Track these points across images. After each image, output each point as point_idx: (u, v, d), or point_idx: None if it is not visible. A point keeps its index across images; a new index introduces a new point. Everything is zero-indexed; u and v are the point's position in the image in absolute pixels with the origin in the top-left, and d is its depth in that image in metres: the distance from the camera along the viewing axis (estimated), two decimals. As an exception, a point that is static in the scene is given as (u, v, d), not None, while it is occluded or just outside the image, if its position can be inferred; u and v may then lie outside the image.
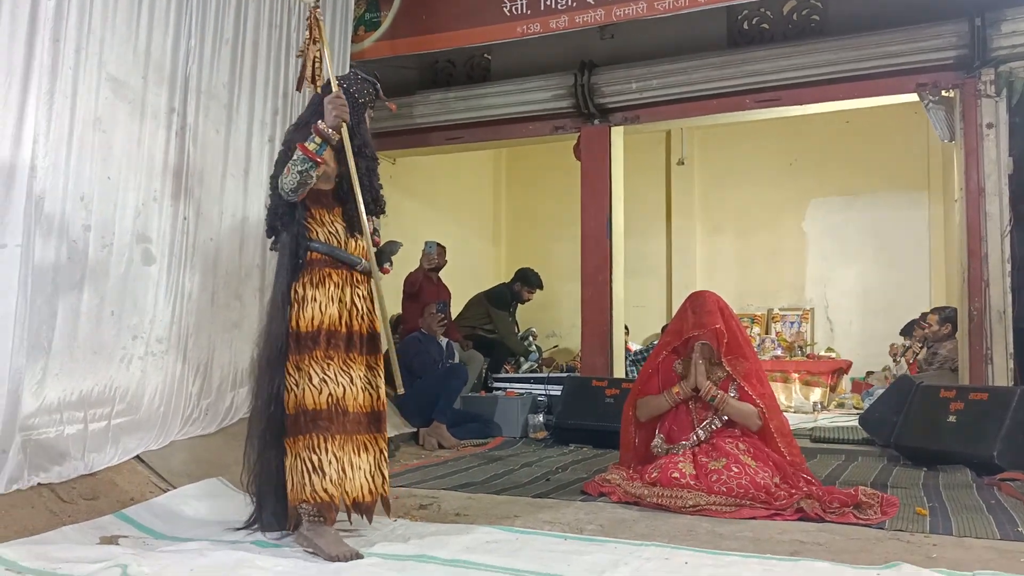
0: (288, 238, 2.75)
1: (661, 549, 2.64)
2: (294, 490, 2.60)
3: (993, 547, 2.67)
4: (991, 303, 4.83)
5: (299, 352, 2.67)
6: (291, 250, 2.74)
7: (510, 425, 5.71)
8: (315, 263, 2.75)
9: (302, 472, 2.59)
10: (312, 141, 2.67)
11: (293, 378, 2.67)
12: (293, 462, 2.62)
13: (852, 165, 8.77)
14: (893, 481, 3.97)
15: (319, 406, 2.63)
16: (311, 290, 2.72)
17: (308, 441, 2.61)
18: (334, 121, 2.69)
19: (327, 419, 2.63)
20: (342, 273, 2.78)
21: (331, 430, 2.63)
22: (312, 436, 2.61)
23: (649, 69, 5.70)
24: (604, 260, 6.00)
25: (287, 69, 4.63)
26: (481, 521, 3.04)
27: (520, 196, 10.19)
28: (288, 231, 2.76)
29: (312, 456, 2.60)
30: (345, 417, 2.66)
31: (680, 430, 3.47)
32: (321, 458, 2.60)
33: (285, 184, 2.68)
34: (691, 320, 3.48)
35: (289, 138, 2.89)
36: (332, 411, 2.64)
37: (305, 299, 2.71)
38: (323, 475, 2.58)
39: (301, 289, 2.72)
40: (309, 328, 2.68)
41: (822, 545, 2.70)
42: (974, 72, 4.92)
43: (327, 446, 2.62)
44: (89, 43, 3.30)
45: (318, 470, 2.58)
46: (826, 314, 9.06)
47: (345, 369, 2.70)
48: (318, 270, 2.74)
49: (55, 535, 2.65)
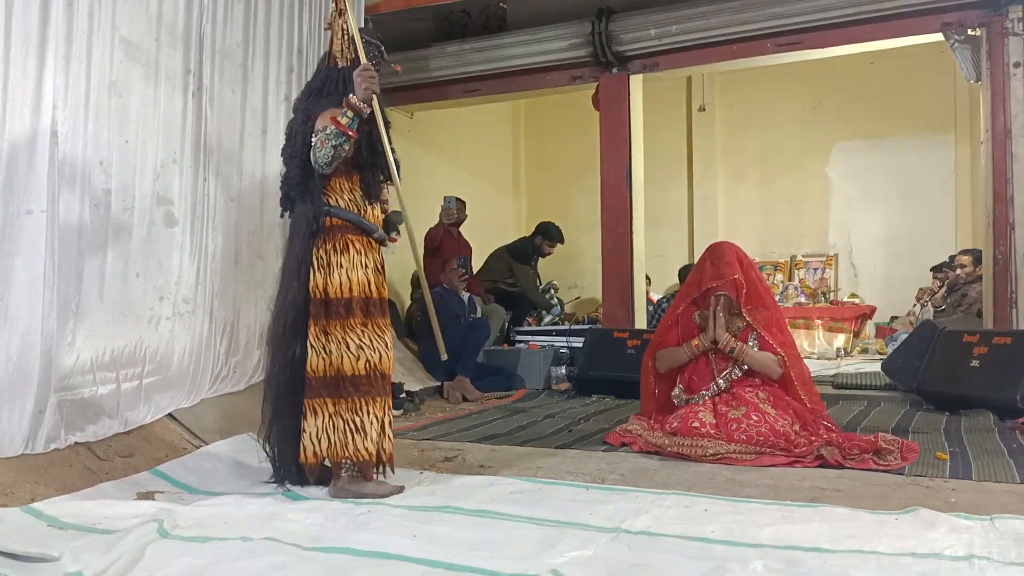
0: (306, 206, 2.79)
1: (681, 497, 2.68)
2: (332, 448, 2.73)
3: (1012, 491, 2.69)
4: (1016, 246, 4.77)
5: (327, 318, 2.75)
6: (309, 217, 2.77)
7: (533, 377, 5.77)
8: (336, 229, 2.79)
9: (344, 432, 2.73)
10: (344, 115, 2.69)
11: (321, 342, 2.75)
12: (331, 421, 2.74)
13: (876, 108, 8.61)
14: (915, 426, 3.98)
15: (358, 372, 2.75)
16: (336, 256, 2.77)
17: (351, 404, 2.75)
18: (365, 94, 2.71)
19: (367, 383, 2.75)
20: (363, 239, 2.83)
21: (371, 393, 2.76)
22: (355, 399, 2.75)
23: (668, 14, 5.60)
24: (624, 211, 5.98)
25: (300, 25, 4.60)
26: (504, 472, 3.10)
27: (539, 148, 10.11)
28: (305, 200, 2.80)
29: (355, 418, 2.74)
30: (383, 380, 2.80)
31: (700, 381, 3.50)
32: (364, 419, 2.74)
33: (319, 158, 2.70)
34: (709, 271, 3.48)
35: (305, 107, 2.89)
36: (371, 376, 2.76)
37: (331, 265, 2.76)
38: (364, 435, 2.74)
39: (325, 256, 2.77)
40: (339, 294, 2.75)
41: (841, 491, 2.73)
42: (1001, 10, 4.79)
43: (369, 408, 2.76)
44: (102, 6, 3.29)
45: (360, 430, 2.73)
46: (850, 260, 8.99)
47: (379, 335, 2.81)
48: (340, 236, 2.79)
49: (93, 491, 2.73)
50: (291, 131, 2.89)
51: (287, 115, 4.41)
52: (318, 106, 2.80)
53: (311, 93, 2.91)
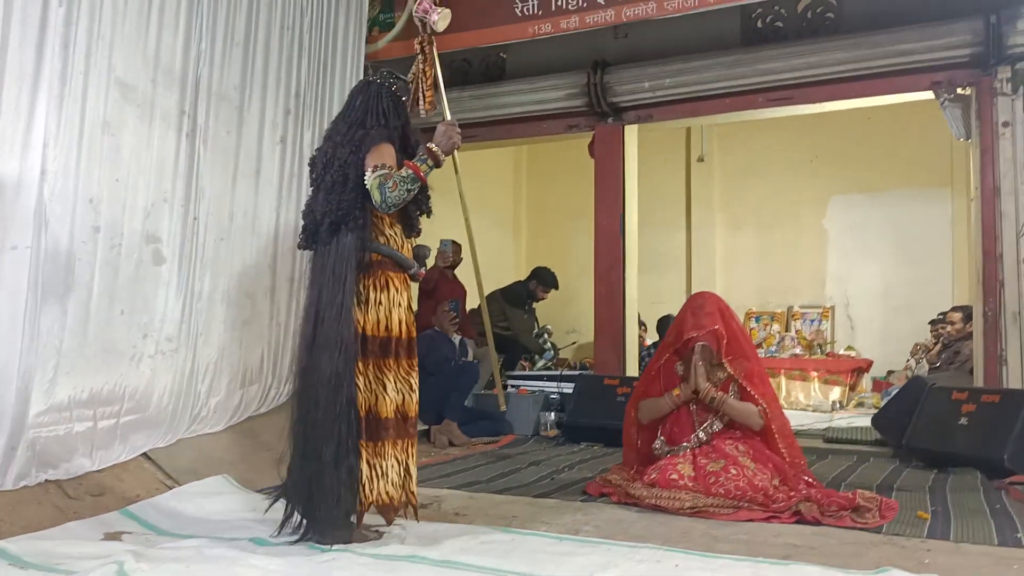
0: (353, 239, 2.70)
1: (654, 551, 2.65)
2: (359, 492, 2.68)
3: (989, 553, 2.65)
4: (1006, 304, 4.77)
5: (364, 356, 2.71)
6: (355, 251, 2.70)
7: (522, 423, 5.73)
8: (376, 265, 2.75)
9: (369, 476, 2.69)
10: (424, 163, 2.73)
11: (361, 381, 2.70)
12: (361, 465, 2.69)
13: (873, 162, 8.67)
14: (900, 484, 3.94)
15: (388, 415, 2.72)
16: (375, 293, 2.73)
17: (380, 448, 2.72)
18: (449, 147, 2.78)
19: (394, 426, 2.74)
20: (400, 277, 2.81)
21: (394, 436, 2.74)
22: (383, 443, 2.72)
23: (662, 68, 5.69)
24: (617, 258, 6.01)
25: (299, 70, 4.68)
26: (479, 521, 3.07)
27: (540, 192, 10.20)
28: (349, 232, 2.70)
29: (381, 461, 2.71)
30: (406, 423, 2.78)
31: (681, 432, 3.48)
32: (386, 463, 2.72)
33: (391, 198, 2.64)
34: (690, 321, 3.48)
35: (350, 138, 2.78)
36: (397, 418, 2.74)
37: (370, 302, 2.72)
38: (387, 479, 2.72)
39: (364, 291, 2.72)
40: (376, 332, 2.72)
41: (815, 549, 2.70)
42: (990, 70, 4.85)
43: (391, 451, 2.73)
44: (98, 48, 3.37)
45: (384, 475, 2.71)
46: (846, 312, 8.97)
47: (407, 376, 2.78)
48: (381, 273, 2.76)
49: (60, 531, 2.72)
50: (339, 161, 2.76)
51: (282, 157, 4.50)
52: (367, 139, 2.76)
53: (353, 125, 2.83)
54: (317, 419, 2.64)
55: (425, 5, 2.94)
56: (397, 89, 2.98)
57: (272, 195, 4.42)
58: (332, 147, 2.83)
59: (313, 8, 4.80)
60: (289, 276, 4.47)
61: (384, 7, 5.99)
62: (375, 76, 3.02)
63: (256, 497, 3.40)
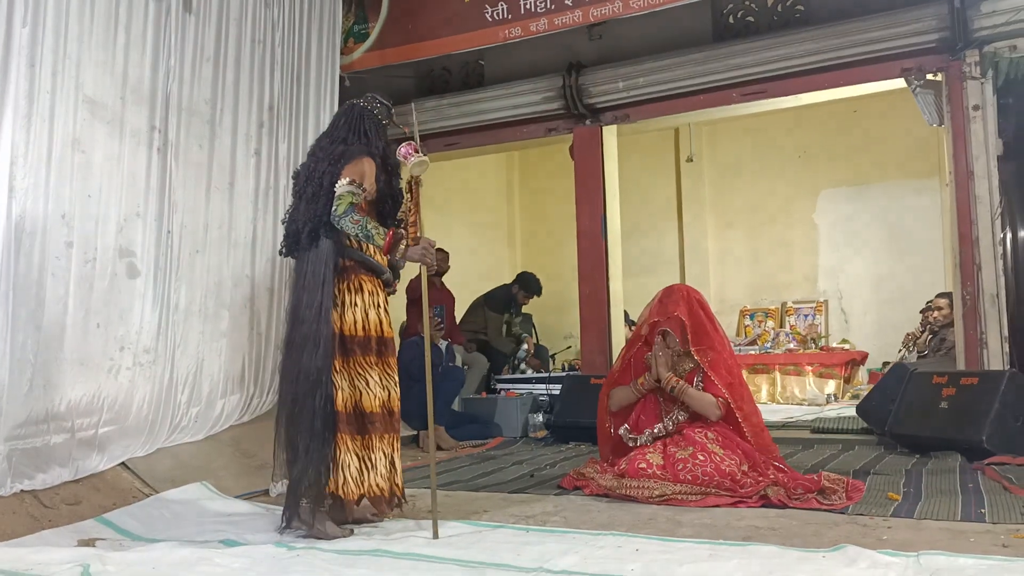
0: (330, 245, 2.89)
1: (616, 538, 2.68)
2: (347, 484, 2.81)
3: (948, 528, 2.66)
4: (984, 287, 4.77)
5: (344, 355, 2.87)
6: (333, 255, 2.89)
7: (510, 426, 5.76)
8: (349, 270, 2.93)
9: (359, 469, 2.83)
10: (394, 250, 2.91)
11: (343, 378, 2.86)
12: (345, 458, 2.83)
13: (861, 154, 8.68)
14: (880, 468, 3.95)
15: (374, 409, 2.87)
16: (350, 295, 2.91)
17: (367, 441, 2.86)
18: (418, 260, 2.99)
19: (380, 420, 2.89)
20: (373, 280, 2.97)
21: (380, 430, 2.88)
22: (370, 436, 2.87)
23: (635, 68, 5.73)
24: (600, 259, 6.03)
25: (272, 83, 4.75)
26: (451, 517, 3.09)
27: (533, 198, 10.24)
28: (331, 238, 2.89)
29: (370, 455, 2.85)
30: (391, 417, 2.93)
31: (647, 420, 3.51)
32: (375, 455, 2.86)
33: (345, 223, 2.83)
34: (656, 309, 3.52)
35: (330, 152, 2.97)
36: (383, 413, 2.89)
37: (345, 304, 2.90)
38: (376, 471, 2.85)
39: (339, 294, 2.90)
40: (353, 332, 2.89)
41: (776, 530, 2.72)
42: (958, 54, 4.86)
43: (379, 444, 2.88)
44: (65, 67, 3.44)
45: (373, 467, 2.85)
46: (840, 305, 8.96)
47: (389, 373, 2.94)
48: (354, 277, 2.93)
49: (33, 539, 2.77)
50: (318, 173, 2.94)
51: (257, 169, 4.56)
52: (347, 153, 2.94)
53: (336, 141, 3.03)
54: (294, 413, 2.85)
55: (405, 150, 3.09)
56: (379, 113, 3.15)
57: (248, 207, 4.48)
58: (315, 161, 3.03)
59: (284, 22, 4.87)
60: (268, 286, 4.52)
61: (358, 19, 6.06)
62: (360, 100, 3.18)
63: (234, 503, 3.45)
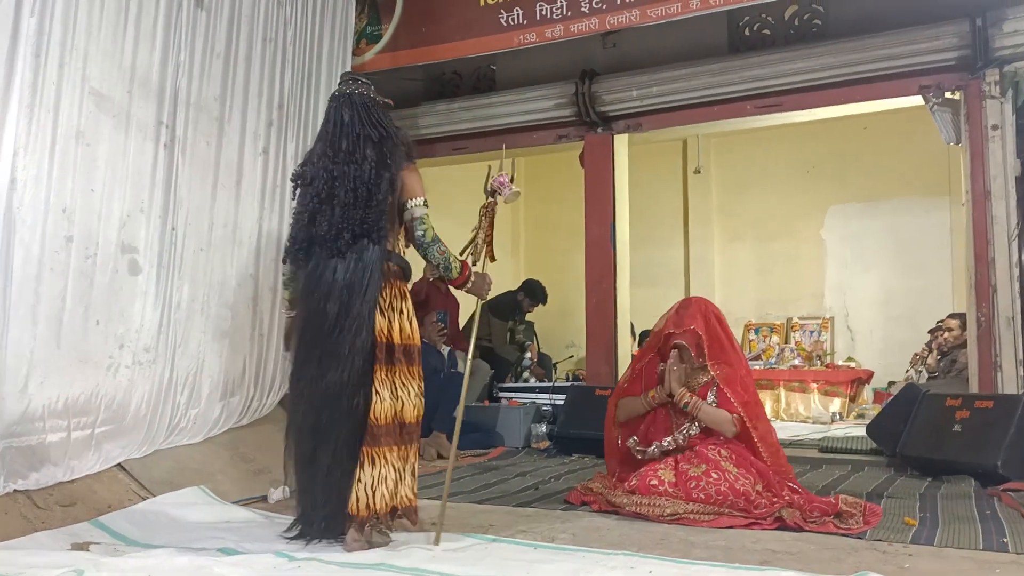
0: (378, 251, 2.76)
1: (628, 558, 2.59)
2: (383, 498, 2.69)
3: (971, 557, 2.58)
4: (999, 309, 4.70)
5: (391, 363, 2.75)
6: (379, 261, 2.75)
7: (513, 435, 5.67)
8: (392, 275, 2.82)
9: (395, 481, 2.72)
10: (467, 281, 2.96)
11: (386, 389, 2.74)
12: (385, 471, 2.71)
13: (870, 171, 8.62)
14: (892, 491, 3.86)
15: (412, 420, 2.79)
16: (397, 302, 2.80)
17: (403, 452, 2.77)
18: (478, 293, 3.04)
19: (416, 431, 2.82)
20: (406, 287, 2.89)
21: (414, 441, 2.82)
22: (405, 448, 2.78)
23: (650, 77, 5.66)
24: (608, 268, 5.96)
25: (282, 81, 4.67)
26: (456, 530, 3.00)
27: (538, 206, 10.15)
28: (379, 245, 2.76)
29: (404, 465, 2.77)
30: (419, 428, 2.85)
31: (657, 433, 3.43)
32: (405, 467, 2.77)
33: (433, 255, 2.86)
34: (672, 320, 3.44)
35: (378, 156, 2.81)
36: (417, 423, 2.82)
37: (392, 310, 2.78)
38: (405, 483, 2.77)
39: (384, 301, 2.77)
40: (400, 340, 2.77)
41: (794, 555, 2.63)
42: (978, 73, 4.79)
43: (409, 455, 2.80)
44: (72, 58, 3.36)
45: (403, 478, 2.76)
46: (846, 323, 8.88)
47: (420, 383, 2.85)
48: (398, 284, 2.83)
49: (26, 541, 2.68)
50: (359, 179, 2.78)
51: (264, 168, 4.48)
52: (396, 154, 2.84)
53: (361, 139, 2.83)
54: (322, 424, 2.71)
55: (502, 179, 3.19)
56: (373, 94, 2.97)
57: (254, 206, 4.40)
58: (333, 164, 2.82)
59: (297, 20, 4.80)
60: (272, 286, 4.43)
61: (371, 20, 5.99)
62: (348, 87, 2.96)
63: (232, 508, 3.36)
